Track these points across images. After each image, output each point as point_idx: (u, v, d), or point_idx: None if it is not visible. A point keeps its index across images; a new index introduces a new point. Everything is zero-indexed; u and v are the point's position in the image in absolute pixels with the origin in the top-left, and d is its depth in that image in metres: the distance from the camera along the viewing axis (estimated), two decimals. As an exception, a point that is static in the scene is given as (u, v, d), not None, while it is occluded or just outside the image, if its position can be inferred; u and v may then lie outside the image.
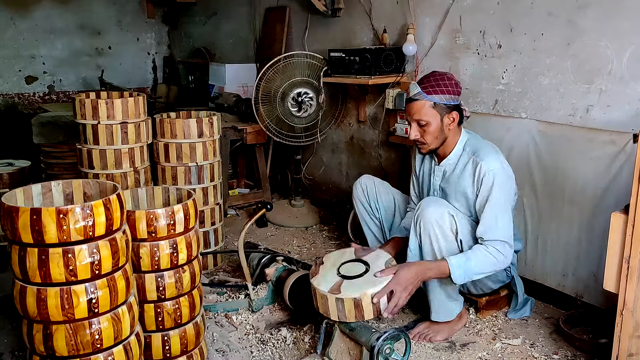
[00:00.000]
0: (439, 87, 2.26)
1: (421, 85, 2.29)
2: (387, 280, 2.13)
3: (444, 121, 2.30)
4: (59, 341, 1.55)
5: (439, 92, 2.26)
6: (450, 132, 2.34)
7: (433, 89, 2.26)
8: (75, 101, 2.70)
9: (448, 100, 2.27)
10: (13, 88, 5.39)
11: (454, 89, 2.29)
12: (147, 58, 6.18)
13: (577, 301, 2.56)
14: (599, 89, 2.40)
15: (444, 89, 2.27)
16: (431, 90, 2.26)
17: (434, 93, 2.26)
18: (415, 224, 2.28)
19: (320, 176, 4.20)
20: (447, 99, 2.27)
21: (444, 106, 2.28)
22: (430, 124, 2.29)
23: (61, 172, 3.73)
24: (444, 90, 2.26)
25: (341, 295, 2.09)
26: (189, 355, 2.04)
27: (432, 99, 2.26)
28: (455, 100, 2.30)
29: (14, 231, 1.47)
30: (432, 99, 2.26)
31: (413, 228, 2.30)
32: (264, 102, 3.70)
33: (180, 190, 2.12)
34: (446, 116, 2.29)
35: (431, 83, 2.28)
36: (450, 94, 2.27)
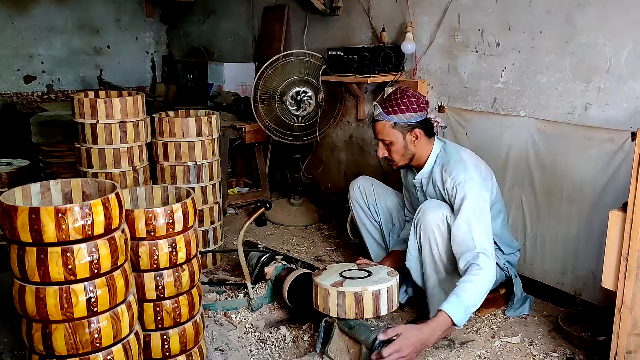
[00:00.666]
0: (398, 107, 2.32)
1: (382, 105, 2.37)
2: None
3: (407, 139, 2.36)
4: (58, 340, 1.55)
5: (398, 112, 2.32)
6: (417, 147, 2.38)
7: (393, 109, 2.33)
8: (74, 100, 2.70)
9: (408, 119, 2.33)
10: (11, 87, 5.39)
11: (414, 106, 2.33)
12: (145, 57, 6.18)
13: (576, 299, 2.56)
14: (597, 87, 2.41)
15: (404, 107, 2.32)
16: (391, 110, 2.33)
17: (393, 113, 2.33)
18: (416, 227, 2.31)
19: (319, 175, 4.21)
20: (408, 117, 2.33)
21: (405, 125, 2.34)
22: (394, 143, 2.37)
23: (60, 172, 3.73)
24: (403, 109, 2.32)
25: (343, 289, 2.10)
26: (189, 354, 2.04)
27: (392, 119, 2.33)
28: (417, 117, 2.34)
29: (13, 230, 1.47)
30: (391, 119, 2.33)
31: (413, 231, 2.32)
32: (262, 101, 3.70)
33: (179, 189, 2.12)
34: (408, 134, 2.35)
35: (391, 103, 2.34)
36: (411, 112, 2.32)
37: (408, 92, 2.38)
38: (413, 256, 2.35)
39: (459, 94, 3.01)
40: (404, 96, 2.35)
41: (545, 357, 2.24)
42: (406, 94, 2.36)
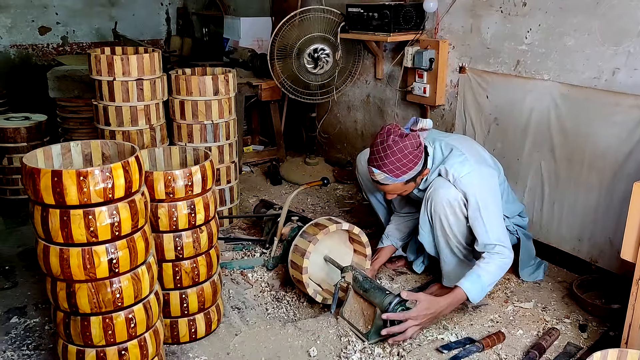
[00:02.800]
0: (405, 167, 2.18)
1: (384, 169, 2.18)
2: None
3: (418, 180, 2.30)
4: (81, 299, 1.59)
5: (407, 172, 2.19)
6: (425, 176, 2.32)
7: (400, 170, 2.18)
8: (91, 57, 2.68)
9: (417, 170, 2.23)
10: (27, 39, 5.35)
11: (418, 156, 2.20)
12: (160, 9, 6.07)
13: (592, 266, 2.56)
14: (627, 51, 2.33)
15: (411, 165, 2.18)
16: (399, 173, 2.18)
17: (402, 174, 2.19)
18: (426, 204, 2.30)
19: (335, 134, 4.18)
20: (416, 170, 2.22)
21: (415, 175, 2.24)
22: (407, 190, 2.32)
23: (77, 127, 3.75)
24: (411, 167, 2.19)
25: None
26: (206, 312, 2.10)
27: (403, 179, 2.21)
28: (422, 162, 2.23)
29: (36, 192, 1.49)
30: (402, 179, 2.21)
31: (424, 207, 2.32)
32: (279, 58, 3.64)
33: (197, 151, 2.12)
34: (419, 178, 2.29)
35: (396, 165, 2.16)
36: (417, 164, 2.21)
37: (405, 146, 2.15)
38: (425, 231, 2.37)
39: (481, 55, 2.93)
40: (405, 154, 2.16)
41: (558, 323, 2.26)
42: (406, 151, 2.15)
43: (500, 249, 2.18)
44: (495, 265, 2.17)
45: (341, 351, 2.04)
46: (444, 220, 2.26)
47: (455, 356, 2.02)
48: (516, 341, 2.14)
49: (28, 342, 2.11)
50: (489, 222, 2.20)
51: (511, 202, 2.51)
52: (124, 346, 1.68)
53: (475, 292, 2.13)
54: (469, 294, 2.12)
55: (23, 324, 2.22)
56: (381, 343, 2.09)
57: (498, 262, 2.17)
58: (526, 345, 2.11)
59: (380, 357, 2.01)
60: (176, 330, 2.05)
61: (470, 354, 2.03)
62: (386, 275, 2.62)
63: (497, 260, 2.17)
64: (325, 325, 2.18)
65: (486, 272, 2.15)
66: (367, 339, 2.09)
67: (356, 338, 2.11)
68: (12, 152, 3.37)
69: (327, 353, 2.04)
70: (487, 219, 2.20)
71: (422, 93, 3.21)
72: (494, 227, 2.20)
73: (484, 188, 2.23)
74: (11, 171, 3.40)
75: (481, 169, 2.26)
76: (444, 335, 2.16)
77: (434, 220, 2.29)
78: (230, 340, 2.11)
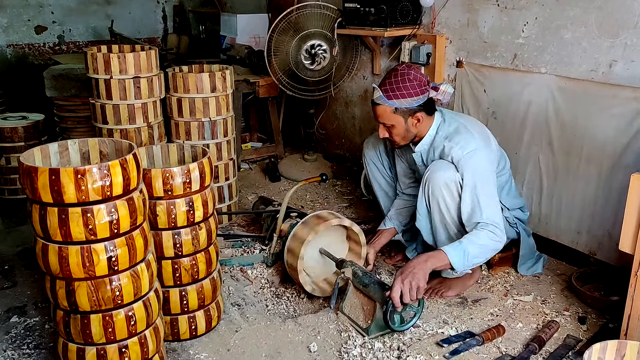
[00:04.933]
0: (399, 92, 2.22)
1: (382, 88, 2.25)
2: None
3: (409, 122, 2.29)
4: (81, 297, 1.59)
5: (399, 97, 2.22)
6: (419, 128, 2.32)
7: (394, 93, 2.22)
8: (87, 55, 2.67)
9: (410, 104, 2.24)
10: (23, 38, 5.33)
11: (416, 89, 2.23)
12: (156, 7, 6.05)
13: (590, 258, 2.56)
14: (623, 43, 2.32)
15: (405, 92, 2.22)
16: (392, 95, 2.23)
17: (394, 98, 2.23)
18: (424, 187, 2.29)
19: (333, 130, 4.18)
20: (409, 102, 2.23)
21: (407, 109, 2.25)
22: (395, 126, 2.30)
23: (75, 126, 3.74)
24: (405, 94, 2.22)
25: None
26: (206, 309, 2.10)
27: (393, 104, 2.24)
28: (419, 100, 2.25)
29: (34, 191, 1.49)
30: (392, 104, 2.24)
31: (421, 191, 2.31)
32: (276, 54, 3.63)
33: (195, 148, 2.12)
34: (410, 118, 2.28)
35: (392, 86, 2.23)
36: (413, 96, 2.23)
37: (409, 74, 2.24)
38: (422, 216, 2.35)
39: (478, 49, 2.93)
40: (405, 80, 2.22)
41: (557, 315, 2.26)
42: (407, 77, 2.23)
43: (492, 228, 2.15)
44: (484, 239, 2.14)
45: (341, 346, 2.05)
46: (442, 203, 2.24)
47: (456, 350, 2.02)
48: (516, 334, 2.14)
49: (28, 341, 2.11)
50: (484, 202, 2.18)
51: (513, 196, 2.51)
52: (124, 344, 1.68)
53: (457, 258, 2.10)
54: (450, 258, 2.10)
55: (23, 323, 2.22)
56: (381, 338, 2.09)
57: (487, 237, 2.14)
58: (526, 338, 2.12)
59: (381, 351, 2.02)
60: (176, 328, 2.06)
61: (470, 347, 2.04)
62: (385, 270, 2.63)
63: (486, 235, 2.14)
64: (326, 321, 2.19)
65: (471, 243, 2.13)
66: (367, 334, 2.09)
67: (356, 333, 2.12)
68: (10, 152, 3.37)
69: (328, 348, 2.05)
70: (483, 199, 2.18)
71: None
72: (488, 207, 2.18)
73: (484, 169, 2.22)
74: (9, 171, 3.40)
75: (485, 151, 2.25)
76: (444, 329, 2.16)
77: (432, 204, 2.27)
78: (230, 336, 2.12)
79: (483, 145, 2.26)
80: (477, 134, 2.28)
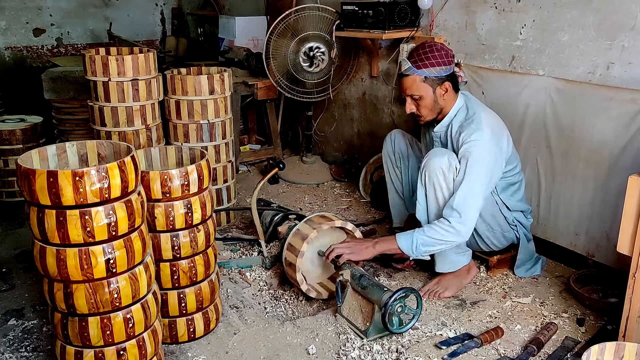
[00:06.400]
0: (428, 61, 2.27)
1: (411, 59, 2.30)
2: None
3: (437, 93, 2.31)
4: (79, 299, 1.59)
5: (428, 66, 2.27)
6: (445, 101, 2.34)
7: (423, 62, 2.27)
8: (85, 57, 2.67)
9: (439, 72, 2.28)
10: (21, 41, 5.33)
11: (444, 59, 2.28)
12: (155, 9, 6.06)
13: (589, 260, 2.57)
14: (621, 45, 2.33)
15: (434, 61, 2.27)
16: (421, 64, 2.27)
17: (423, 67, 2.27)
18: (421, 174, 2.30)
19: (331, 132, 4.18)
20: (438, 71, 2.27)
21: (435, 78, 2.29)
22: (424, 97, 2.31)
23: (73, 128, 3.73)
24: (433, 63, 2.27)
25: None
26: (205, 312, 2.09)
27: (423, 73, 2.27)
28: (447, 70, 2.29)
29: (32, 193, 1.49)
30: (422, 73, 2.27)
31: (420, 179, 2.32)
32: (274, 57, 3.64)
33: (194, 150, 2.12)
34: (438, 88, 2.30)
35: (421, 57, 2.28)
36: (441, 65, 2.27)
37: (436, 45, 2.31)
38: (422, 206, 2.35)
39: (476, 51, 2.93)
40: (432, 49, 2.28)
41: (556, 317, 2.26)
42: (435, 47, 2.29)
43: (454, 218, 2.19)
44: (437, 229, 2.21)
45: (340, 348, 2.05)
46: (438, 190, 2.26)
47: (454, 352, 2.02)
48: (514, 336, 2.14)
49: (26, 344, 2.10)
50: (463, 189, 2.20)
51: (517, 199, 2.50)
52: (122, 346, 1.68)
53: (404, 243, 2.24)
54: (398, 241, 2.24)
55: (21, 326, 2.21)
56: (380, 340, 2.09)
57: (441, 229, 2.20)
58: (524, 340, 2.12)
59: (379, 353, 2.01)
60: (175, 330, 2.05)
61: (468, 349, 2.04)
62: (384, 273, 2.62)
63: (441, 227, 2.20)
64: (324, 323, 2.18)
65: (422, 233, 2.23)
66: (365, 336, 2.09)
67: (355, 335, 2.11)
68: (8, 154, 3.36)
69: (326, 350, 2.04)
70: (465, 186, 2.20)
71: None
72: (463, 198, 2.20)
73: (480, 161, 2.22)
74: (7, 173, 3.40)
75: (488, 145, 2.24)
76: (442, 331, 2.16)
77: (428, 192, 2.29)
78: (229, 339, 2.11)
79: (489, 138, 2.25)
80: (488, 128, 2.27)
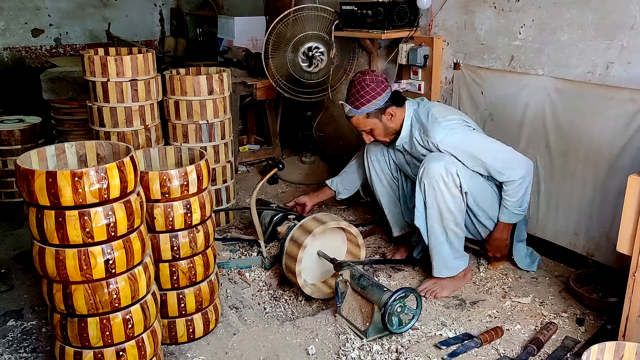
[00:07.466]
0: (363, 98, 2.39)
1: (349, 101, 2.43)
2: None
3: (384, 120, 2.45)
4: (78, 300, 1.58)
5: (365, 103, 2.39)
6: (395, 121, 2.47)
7: (359, 102, 2.40)
8: (84, 58, 2.67)
9: (377, 105, 2.41)
10: (20, 41, 5.32)
11: (377, 91, 2.39)
12: (153, 10, 6.05)
13: (588, 260, 2.57)
14: (620, 44, 2.33)
15: (368, 97, 2.39)
16: (358, 104, 2.40)
17: (361, 106, 2.40)
18: (420, 181, 2.32)
19: (331, 132, 4.17)
20: (375, 104, 2.40)
21: (376, 111, 2.42)
22: (374, 129, 2.48)
23: (72, 129, 3.73)
24: (368, 99, 2.39)
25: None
26: (204, 312, 2.09)
27: (363, 111, 2.41)
28: (383, 99, 2.41)
29: (31, 194, 1.48)
30: (362, 111, 2.41)
31: (418, 186, 2.34)
32: (273, 57, 3.63)
33: (193, 150, 2.12)
34: (383, 116, 2.44)
35: (356, 97, 2.40)
36: (375, 98, 2.39)
37: (364, 79, 2.40)
38: (420, 213, 2.37)
39: (475, 51, 2.93)
40: (363, 86, 2.39)
41: (556, 317, 2.26)
42: (364, 83, 2.39)
43: (508, 171, 2.32)
44: (516, 191, 2.34)
45: (340, 349, 2.04)
46: (439, 195, 2.29)
47: (454, 352, 2.02)
48: (514, 336, 2.14)
49: (25, 344, 2.10)
50: (484, 156, 2.31)
51: None
52: (121, 347, 1.68)
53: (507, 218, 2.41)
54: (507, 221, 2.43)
55: (20, 326, 2.21)
56: (380, 340, 2.09)
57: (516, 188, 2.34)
58: (524, 340, 2.12)
59: (379, 354, 2.01)
60: (174, 331, 2.05)
61: (468, 349, 2.04)
62: (384, 273, 2.62)
63: (515, 187, 2.34)
64: (324, 323, 2.18)
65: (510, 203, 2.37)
66: (365, 336, 2.09)
67: (354, 335, 2.11)
68: (7, 155, 3.36)
69: (326, 351, 2.04)
70: (483, 154, 2.31)
71: (417, 90, 3.21)
72: (491, 158, 2.31)
73: (463, 137, 2.34)
74: (6, 174, 3.39)
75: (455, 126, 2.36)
76: (442, 331, 2.16)
77: (427, 197, 2.31)
78: (228, 339, 2.11)
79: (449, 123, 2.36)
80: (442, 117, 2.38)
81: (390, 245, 2.91)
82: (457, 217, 2.32)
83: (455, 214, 2.31)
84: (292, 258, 2.31)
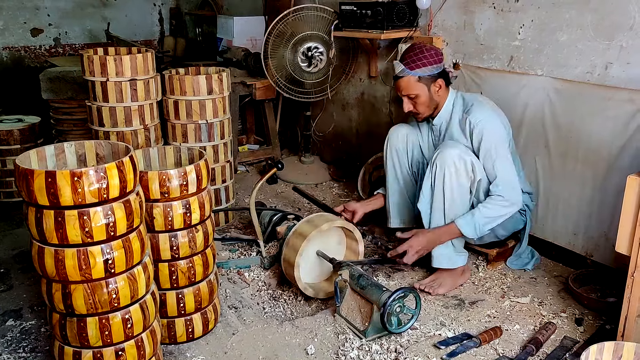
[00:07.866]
0: (420, 61, 2.39)
1: (404, 62, 2.42)
2: None
3: (432, 90, 2.44)
4: (77, 300, 1.58)
5: (420, 66, 2.39)
6: (440, 96, 2.47)
7: (415, 63, 2.39)
8: (84, 58, 2.67)
9: (431, 71, 2.40)
10: (19, 41, 5.32)
11: (434, 58, 2.40)
12: (153, 9, 6.05)
13: (587, 260, 2.57)
14: (619, 45, 2.33)
15: (425, 61, 2.39)
16: (413, 65, 2.39)
17: (416, 67, 2.39)
18: (432, 166, 2.34)
19: (330, 132, 4.18)
20: (430, 70, 2.40)
21: (429, 77, 2.41)
22: (420, 95, 2.43)
23: (71, 128, 3.73)
24: (425, 62, 2.39)
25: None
26: (203, 312, 2.09)
27: (416, 73, 2.39)
28: (438, 68, 2.42)
29: (30, 193, 1.48)
30: (415, 73, 2.39)
31: (429, 170, 2.36)
32: (273, 57, 3.64)
33: (192, 150, 2.12)
34: (432, 85, 2.43)
35: (412, 58, 2.40)
36: (432, 64, 2.39)
37: (425, 46, 2.45)
38: (426, 197, 2.40)
39: (475, 51, 2.93)
40: (422, 50, 2.40)
41: (555, 317, 2.26)
42: (425, 48, 2.42)
43: (503, 190, 2.31)
44: (493, 207, 2.31)
45: (339, 348, 2.04)
46: (447, 179, 2.30)
47: (453, 352, 2.02)
48: (513, 336, 2.14)
49: (24, 344, 2.10)
50: (499, 163, 2.32)
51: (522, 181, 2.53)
52: (120, 347, 1.68)
53: (468, 228, 2.32)
54: (462, 230, 2.31)
55: (19, 326, 2.21)
56: (379, 340, 2.09)
57: (496, 204, 2.31)
58: (523, 339, 2.12)
59: (378, 354, 2.01)
60: (173, 330, 2.05)
61: (467, 349, 2.04)
62: (383, 273, 2.62)
63: (495, 203, 2.31)
64: (323, 323, 2.18)
65: (479, 213, 2.31)
66: (364, 336, 2.09)
67: (354, 335, 2.11)
68: (6, 155, 3.35)
69: (325, 351, 2.04)
70: (499, 161, 2.32)
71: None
72: (503, 169, 2.32)
73: (498, 135, 2.36)
74: (5, 174, 3.39)
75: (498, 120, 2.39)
76: (441, 331, 2.16)
77: (436, 181, 2.32)
78: (227, 339, 2.11)
79: (496, 115, 2.41)
80: (490, 108, 2.43)
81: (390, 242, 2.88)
82: (459, 207, 2.33)
83: (458, 202, 2.33)
84: (290, 264, 2.31)
